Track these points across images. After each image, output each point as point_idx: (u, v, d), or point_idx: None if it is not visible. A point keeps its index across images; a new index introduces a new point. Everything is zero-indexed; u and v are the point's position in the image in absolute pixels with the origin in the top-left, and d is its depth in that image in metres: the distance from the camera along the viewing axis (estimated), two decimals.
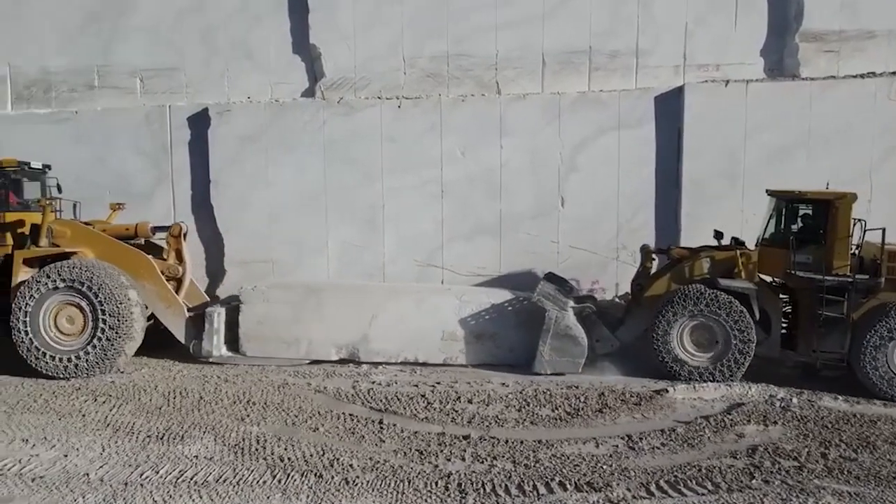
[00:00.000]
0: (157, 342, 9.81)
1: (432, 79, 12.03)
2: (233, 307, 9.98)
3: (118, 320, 8.93)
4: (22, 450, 6.52)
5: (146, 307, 9.56)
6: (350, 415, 7.50)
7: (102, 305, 8.91)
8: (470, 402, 7.92)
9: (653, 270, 9.75)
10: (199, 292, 10.65)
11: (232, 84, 12.33)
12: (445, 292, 10.03)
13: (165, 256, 10.04)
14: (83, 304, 8.98)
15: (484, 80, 11.92)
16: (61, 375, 8.94)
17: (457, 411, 7.60)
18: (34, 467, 6.11)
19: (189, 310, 9.89)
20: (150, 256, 9.85)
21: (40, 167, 10.19)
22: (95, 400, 7.97)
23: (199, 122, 11.78)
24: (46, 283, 8.97)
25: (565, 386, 8.42)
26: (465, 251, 11.47)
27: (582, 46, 11.66)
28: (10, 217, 9.61)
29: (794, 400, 7.78)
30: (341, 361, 9.66)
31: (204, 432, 6.92)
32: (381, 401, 7.97)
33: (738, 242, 9.50)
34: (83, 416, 7.46)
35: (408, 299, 9.81)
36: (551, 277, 10.21)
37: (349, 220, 11.62)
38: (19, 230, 9.65)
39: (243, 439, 6.75)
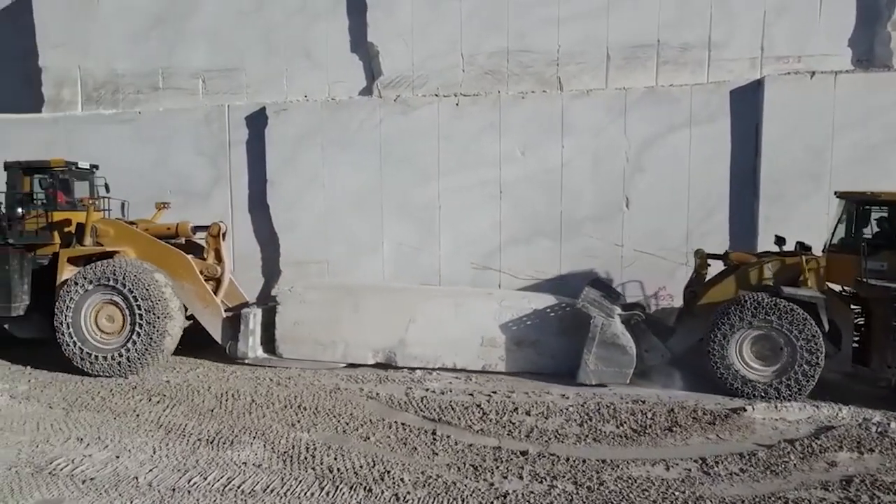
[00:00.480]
0: (211, 342, 9.78)
1: (491, 76, 11.65)
2: (269, 308, 9.89)
3: (152, 303, 8.96)
4: (76, 449, 6.52)
5: (185, 307, 9.58)
6: (402, 424, 7.20)
7: (133, 293, 8.96)
8: (528, 414, 7.49)
9: (708, 277, 9.09)
10: (239, 292, 10.61)
11: (290, 84, 12.29)
12: (485, 296, 9.64)
13: (205, 256, 10.03)
14: (117, 298, 9.08)
15: (545, 76, 11.46)
16: (116, 374, 9.02)
17: (514, 423, 7.19)
18: (86, 468, 6.07)
19: (227, 310, 9.86)
20: (189, 256, 9.84)
21: (88, 167, 10.31)
22: (150, 399, 7.97)
23: (257, 122, 11.77)
24: (77, 290, 9.11)
25: (630, 400, 7.86)
26: (523, 254, 11.03)
27: (649, 39, 11.05)
28: (58, 216, 9.73)
29: (893, 425, 6.98)
30: (378, 365, 9.41)
31: (254, 437, 6.76)
32: (434, 410, 7.64)
33: (803, 248, 8.76)
34: (137, 415, 7.44)
35: (446, 303, 9.48)
36: (596, 283, 9.65)
37: (405, 221, 11.36)
38: (66, 229, 9.80)
39: (293, 446, 6.54)
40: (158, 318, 9.00)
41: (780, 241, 9.02)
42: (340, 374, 9.07)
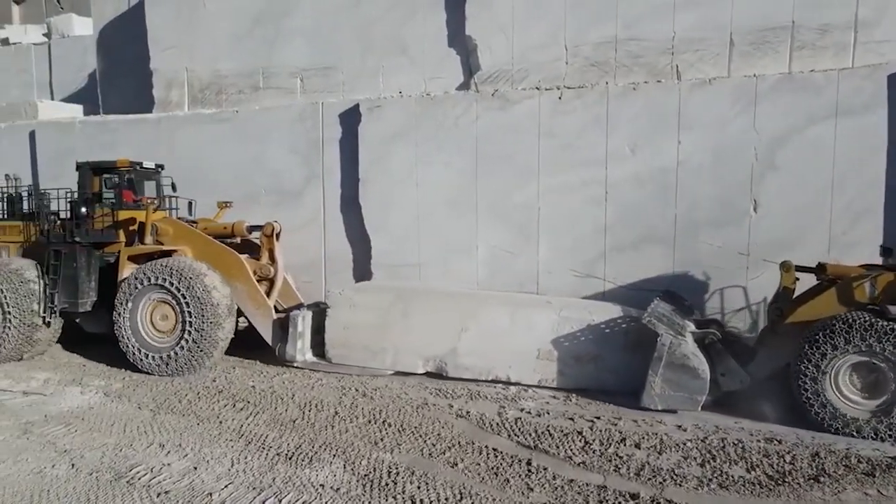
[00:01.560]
0: None
1: (597, 68, 10.71)
2: (320, 311, 9.65)
3: (200, 302, 8.90)
4: (156, 456, 6.31)
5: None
6: (494, 449, 6.48)
7: (181, 292, 8.94)
8: (637, 446, 6.55)
9: (797, 292, 7.93)
10: (294, 293, 10.45)
11: (387, 81, 11.95)
12: (543, 306, 8.93)
13: (259, 256, 9.95)
14: (168, 298, 9.11)
15: (657, 66, 10.38)
16: (172, 373, 9.02)
17: (621, 457, 6.29)
18: (163, 479, 5.82)
19: (282, 311, 9.73)
20: (243, 256, 9.78)
21: (153, 167, 10.48)
22: (234, 406, 7.73)
23: (350, 119, 11.45)
24: (132, 289, 9.22)
25: (763, 438, 6.71)
26: (630, 262, 9.99)
27: (782, 21, 9.69)
28: (123, 215, 9.89)
29: None
30: (428, 375, 8.99)
31: (334, 455, 6.29)
32: (530, 434, 6.87)
33: None
34: (220, 422, 7.19)
35: (501, 311, 8.88)
36: (668, 296, 8.71)
37: (501, 223, 10.64)
38: (130, 228, 9.91)
39: (374, 469, 6.01)
40: (207, 318, 8.94)
41: (886, 252, 7.73)
42: (429, 387, 8.49)
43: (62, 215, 10.23)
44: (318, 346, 9.53)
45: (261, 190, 11.81)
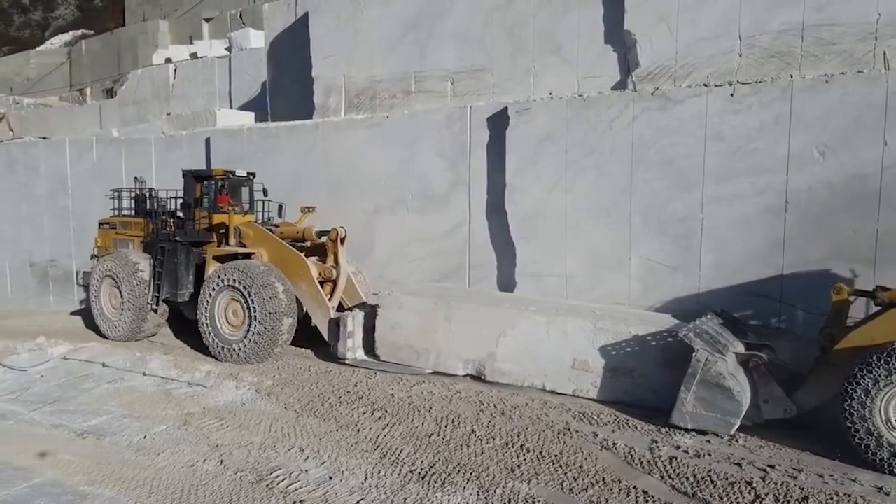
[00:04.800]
0: None
1: (778, 59, 9.43)
2: (373, 311, 10.04)
3: (264, 302, 9.61)
4: (296, 461, 6.40)
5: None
6: (644, 492, 5.79)
7: (248, 291, 9.69)
8: None
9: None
10: (359, 293, 10.82)
11: (538, 82, 11.50)
12: (579, 316, 8.67)
13: (326, 259, 10.54)
14: (238, 297, 9.88)
15: (855, 54, 8.90)
16: (240, 362, 9.79)
17: None
18: (299, 486, 5.86)
19: (345, 310, 10.29)
20: (309, 259, 10.39)
21: (245, 174, 11.38)
22: (372, 414, 7.69)
23: (499, 123, 11.09)
24: (212, 286, 10.12)
25: None
26: (814, 283, 8.60)
27: None
28: (217, 219, 10.86)
29: None
30: (469, 377, 9.15)
31: (468, 480, 5.97)
32: (687, 478, 6.06)
33: None
34: (358, 430, 7.18)
35: (537, 320, 8.79)
36: (723, 315, 8.24)
37: (658, 235, 9.72)
38: (221, 230, 10.88)
39: (509, 500, 5.59)
40: (269, 315, 9.61)
41: None
42: (572, 409, 7.89)
43: (179, 215, 11.49)
44: (371, 345, 9.97)
45: (408, 195, 11.87)
